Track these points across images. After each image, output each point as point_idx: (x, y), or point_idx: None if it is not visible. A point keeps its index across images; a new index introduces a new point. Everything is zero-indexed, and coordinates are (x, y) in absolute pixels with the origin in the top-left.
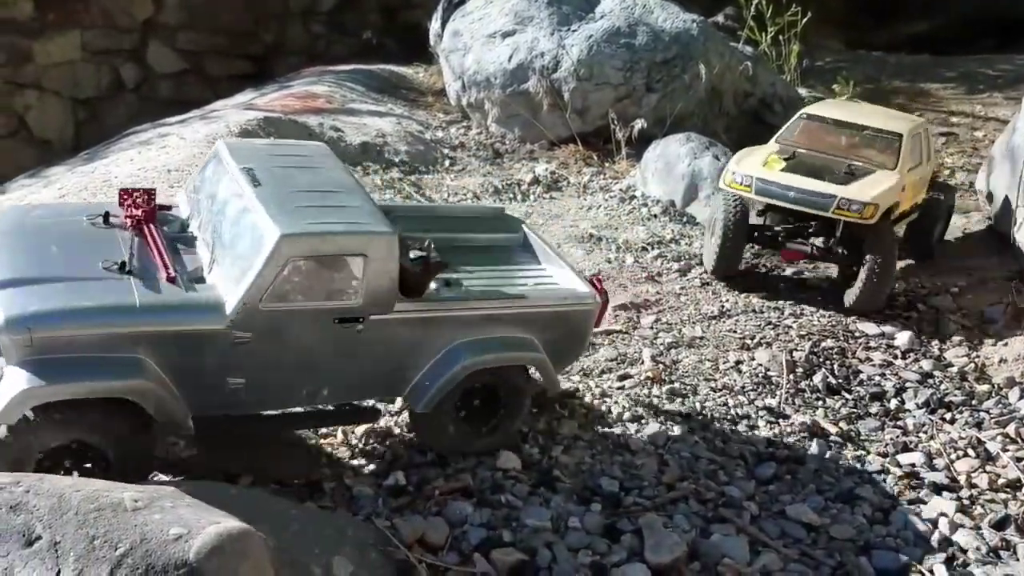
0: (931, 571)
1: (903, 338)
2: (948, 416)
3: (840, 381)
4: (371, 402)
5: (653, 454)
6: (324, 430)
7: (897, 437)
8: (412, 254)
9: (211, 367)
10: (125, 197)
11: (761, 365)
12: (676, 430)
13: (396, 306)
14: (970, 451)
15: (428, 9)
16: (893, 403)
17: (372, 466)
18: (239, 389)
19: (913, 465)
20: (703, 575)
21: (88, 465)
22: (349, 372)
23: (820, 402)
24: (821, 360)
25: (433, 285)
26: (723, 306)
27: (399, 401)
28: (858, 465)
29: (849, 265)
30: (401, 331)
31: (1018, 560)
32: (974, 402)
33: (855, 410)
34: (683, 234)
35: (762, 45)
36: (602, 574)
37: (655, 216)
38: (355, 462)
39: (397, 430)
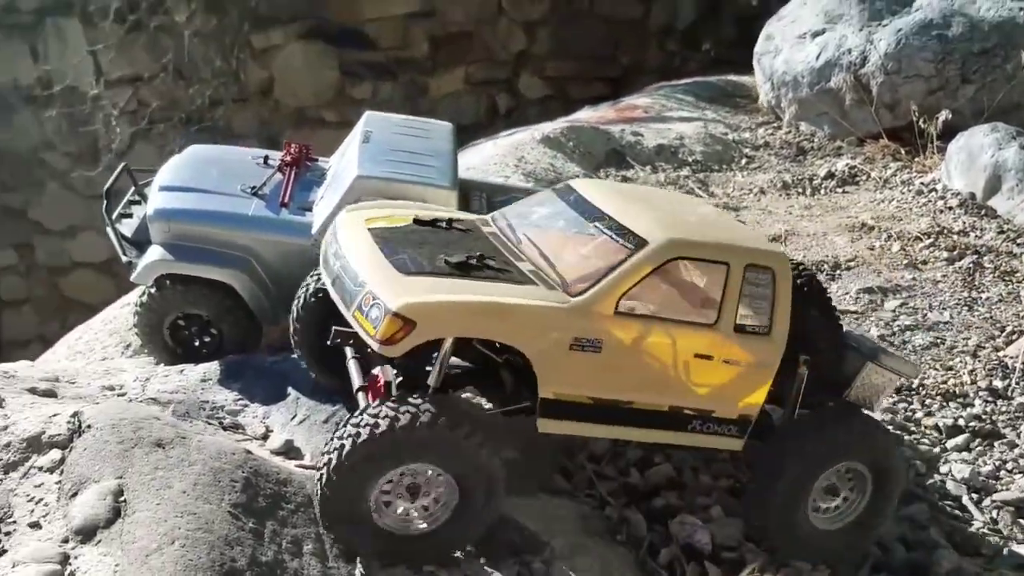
0: None
1: None
2: None
3: None
4: None
5: None
6: None
7: None
8: None
9: (301, 278)
10: (287, 147)
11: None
12: None
13: None
14: None
15: None
16: None
17: None
18: None
19: None
20: None
21: (207, 339)
22: None
23: None
24: None
25: None
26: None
27: None
28: None
29: None
30: None
31: None
32: None
33: None
34: (974, 226)
35: None
36: None
37: (950, 208)
38: None
39: None
